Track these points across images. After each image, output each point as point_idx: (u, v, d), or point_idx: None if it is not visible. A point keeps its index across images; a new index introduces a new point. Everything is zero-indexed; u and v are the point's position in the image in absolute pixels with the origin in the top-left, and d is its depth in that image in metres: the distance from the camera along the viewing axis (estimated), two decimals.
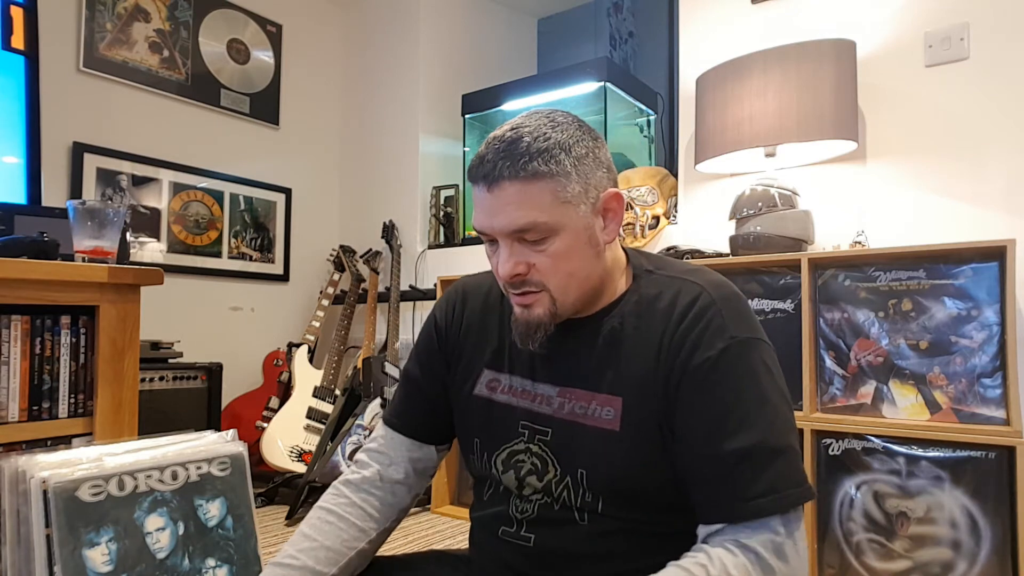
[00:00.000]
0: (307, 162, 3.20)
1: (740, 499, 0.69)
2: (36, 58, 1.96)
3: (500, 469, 0.83)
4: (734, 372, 0.72)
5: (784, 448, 0.71)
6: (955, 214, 1.79)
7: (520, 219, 0.72)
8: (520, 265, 0.75)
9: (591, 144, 0.76)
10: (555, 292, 0.76)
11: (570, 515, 0.77)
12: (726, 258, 1.87)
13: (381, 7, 3.20)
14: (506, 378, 0.85)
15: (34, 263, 1.15)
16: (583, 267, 0.76)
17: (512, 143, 0.73)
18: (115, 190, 2.48)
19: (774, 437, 0.70)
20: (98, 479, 0.79)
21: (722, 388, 0.72)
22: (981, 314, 1.53)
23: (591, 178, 0.75)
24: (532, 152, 0.72)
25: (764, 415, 0.71)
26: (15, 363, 1.16)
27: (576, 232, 0.74)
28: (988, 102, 1.75)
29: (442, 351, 0.92)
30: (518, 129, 0.74)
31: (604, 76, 2.56)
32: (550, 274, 0.75)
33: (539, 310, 0.77)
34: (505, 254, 0.75)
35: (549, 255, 0.74)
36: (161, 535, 0.83)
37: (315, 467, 2.24)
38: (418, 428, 0.92)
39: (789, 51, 1.75)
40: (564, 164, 0.72)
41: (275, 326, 3.03)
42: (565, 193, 0.73)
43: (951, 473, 1.50)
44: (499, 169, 0.72)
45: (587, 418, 0.78)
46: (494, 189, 0.73)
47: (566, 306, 0.77)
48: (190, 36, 2.72)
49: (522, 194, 0.72)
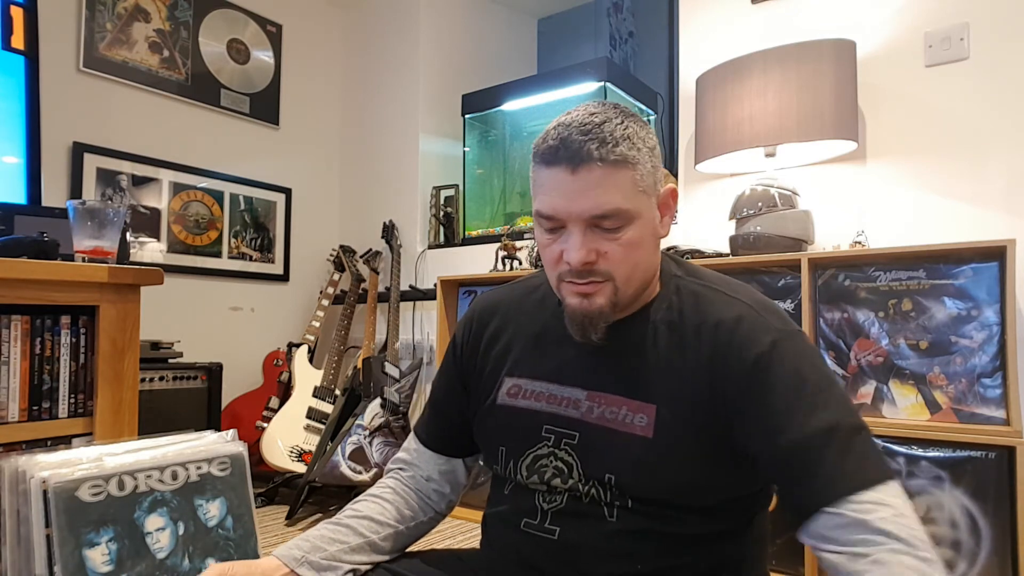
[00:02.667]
0: (307, 162, 3.20)
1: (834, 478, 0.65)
2: (36, 58, 1.96)
3: (525, 475, 0.82)
4: (790, 361, 0.71)
5: (862, 426, 0.68)
6: (955, 214, 1.78)
7: (606, 203, 0.71)
8: (592, 252, 0.73)
9: (654, 136, 0.77)
10: (620, 282, 0.75)
11: (599, 511, 0.76)
12: (726, 258, 1.87)
13: (381, 7, 3.20)
14: (527, 383, 0.84)
15: (34, 263, 1.15)
16: (647, 259, 0.76)
17: (598, 127, 0.71)
18: (115, 190, 2.48)
19: (850, 415, 0.69)
20: (98, 479, 0.79)
21: (783, 379, 0.70)
22: (981, 314, 1.53)
23: (658, 172, 0.76)
24: (618, 137, 0.71)
25: (834, 395, 0.69)
26: (15, 363, 1.16)
27: (647, 222, 0.74)
28: (988, 102, 1.75)
29: (459, 369, 0.93)
30: (593, 112, 0.74)
31: (604, 76, 2.56)
32: (619, 263, 0.74)
33: (601, 300, 0.75)
34: (578, 240, 0.73)
35: (622, 243, 0.73)
36: (161, 535, 0.83)
37: (315, 467, 2.24)
38: (443, 443, 0.94)
39: (789, 51, 1.75)
40: (643, 153, 0.73)
41: (275, 326, 3.03)
42: (644, 182, 0.73)
43: (951, 473, 1.50)
44: (587, 151, 0.70)
45: (618, 423, 0.76)
46: (580, 171, 0.71)
47: (626, 297, 0.76)
48: (190, 36, 2.72)
49: (609, 178, 0.71)
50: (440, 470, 0.93)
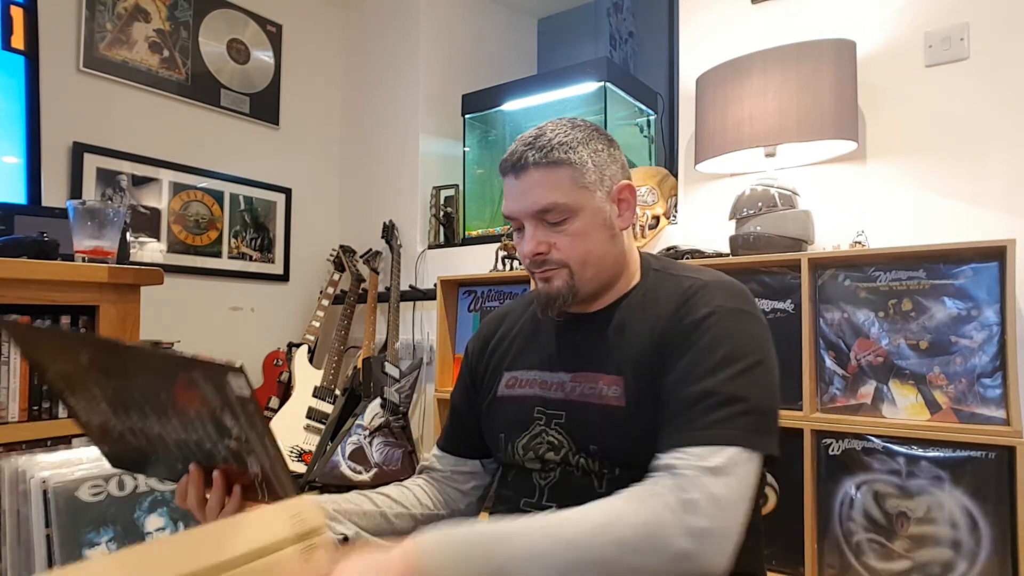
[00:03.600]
0: (307, 162, 3.20)
1: (688, 428, 0.73)
2: (36, 58, 1.96)
3: (522, 454, 0.91)
4: (712, 330, 0.78)
5: (745, 398, 0.74)
6: (955, 214, 1.78)
7: (543, 199, 0.84)
8: (542, 244, 0.86)
9: (607, 144, 0.89)
10: (574, 268, 0.86)
11: (589, 481, 0.84)
12: (726, 258, 1.87)
13: (381, 7, 3.20)
14: (523, 374, 0.95)
15: (34, 263, 1.15)
16: (599, 247, 0.86)
17: (537, 138, 0.86)
18: (115, 190, 2.48)
19: (739, 389, 0.74)
20: (98, 479, 0.79)
21: (701, 345, 0.78)
22: (981, 314, 1.53)
23: (606, 170, 0.87)
24: (554, 144, 0.84)
25: (733, 368, 0.75)
26: (15, 363, 1.16)
27: (593, 214, 0.85)
28: (988, 102, 1.75)
29: (470, 373, 1.05)
30: (542, 128, 0.88)
31: (604, 76, 2.56)
32: (569, 251, 0.85)
33: (558, 282, 0.87)
34: (529, 234, 0.86)
35: (568, 234, 0.85)
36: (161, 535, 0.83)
37: (315, 467, 2.24)
38: (459, 445, 1.04)
39: (789, 51, 1.75)
40: (581, 155, 0.85)
41: (275, 326, 3.03)
42: (583, 179, 0.84)
43: (951, 473, 1.50)
44: (525, 158, 0.85)
45: (596, 397, 0.85)
46: (521, 175, 0.85)
47: (584, 280, 0.87)
48: (190, 36, 2.72)
49: (545, 178, 0.84)
50: (460, 472, 1.03)
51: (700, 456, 0.70)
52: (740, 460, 0.70)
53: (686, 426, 0.73)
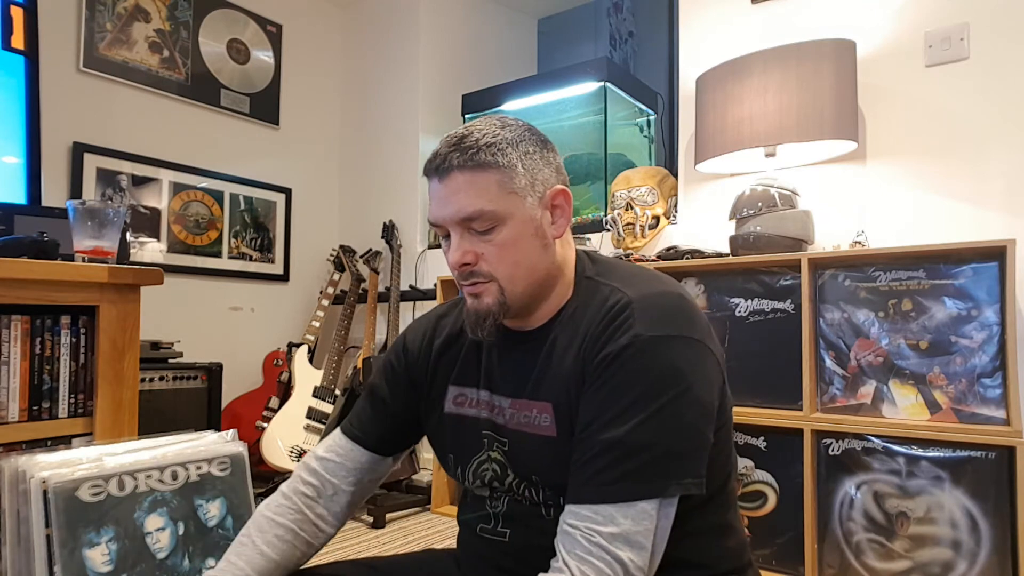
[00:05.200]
0: (307, 162, 3.20)
1: (592, 483, 0.70)
2: (36, 58, 1.96)
3: (471, 479, 0.86)
4: (627, 366, 0.72)
5: (655, 444, 0.70)
6: (955, 214, 1.78)
7: (468, 207, 0.76)
8: (468, 254, 0.78)
9: (539, 145, 0.81)
10: (503, 282, 0.79)
11: (538, 510, 0.80)
12: (726, 258, 1.87)
13: (381, 7, 3.20)
14: (472, 392, 0.88)
15: (34, 263, 1.15)
16: (529, 257, 0.79)
17: (462, 138, 0.78)
18: (115, 190, 2.48)
19: (649, 435, 0.70)
20: (98, 479, 0.79)
21: (613, 382, 0.73)
22: (981, 314, 1.53)
23: (538, 174, 0.79)
24: (480, 145, 0.76)
25: (645, 412, 0.70)
26: (15, 363, 1.16)
27: (522, 222, 0.78)
28: (988, 102, 1.75)
29: (408, 373, 0.94)
30: (469, 127, 0.79)
31: (604, 76, 2.56)
32: (497, 263, 0.78)
33: (488, 299, 0.79)
34: (455, 243, 0.79)
35: (496, 244, 0.77)
36: (161, 535, 0.83)
37: None
38: (380, 442, 0.93)
39: (789, 51, 1.75)
40: (511, 157, 0.77)
41: (275, 326, 3.03)
42: (511, 184, 0.77)
43: (951, 473, 1.50)
44: (449, 160, 0.77)
45: (531, 426, 0.80)
46: (444, 179, 0.77)
47: (515, 296, 0.79)
48: (190, 36, 2.72)
49: (470, 183, 0.76)
50: (369, 467, 0.93)
51: (604, 520, 0.68)
52: (649, 511, 0.69)
53: (592, 479, 0.70)
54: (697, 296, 1.93)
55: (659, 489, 0.69)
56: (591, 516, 0.69)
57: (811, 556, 1.64)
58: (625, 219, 2.29)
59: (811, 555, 1.64)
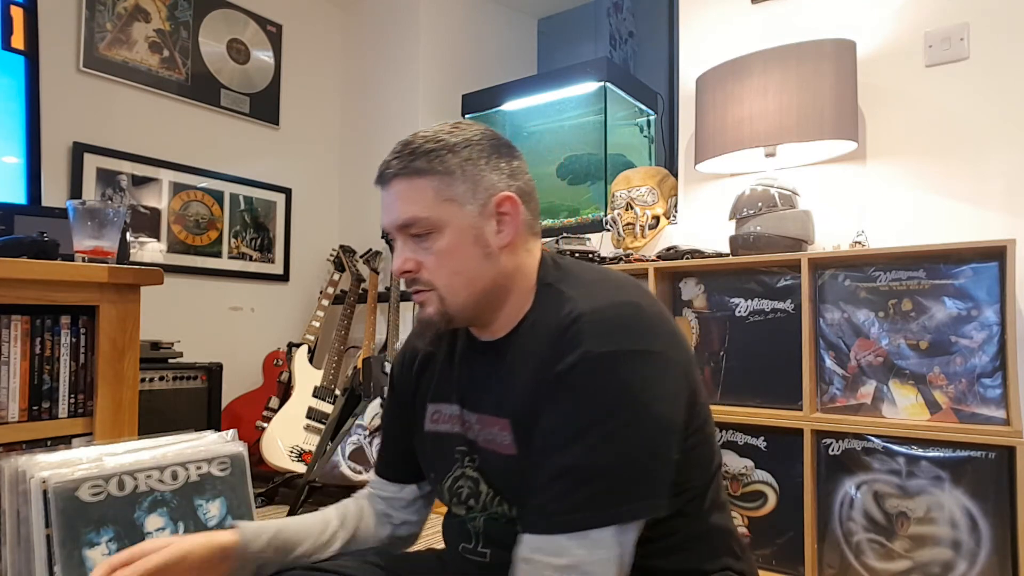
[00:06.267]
0: (307, 162, 3.20)
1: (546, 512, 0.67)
2: (36, 58, 1.96)
3: (448, 497, 0.85)
4: (576, 386, 0.69)
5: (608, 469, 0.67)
6: (955, 214, 1.78)
7: (403, 213, 0.77)
8: (409, 262, 0.78)
9: (488, 150, 0.79)
10: (443, 292, 0.78)
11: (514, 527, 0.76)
12: (726, 258, 1.87)
13: (381, 7, 3.20)
14: (447, 408, 0.86)
15: (34, 263, 1.15)
16: (469, 267, 0.77)
17: (405, 145, 0.78)
18: (115, 190, 2.48)
19: (600, 459, 0.67)
20: (98, 479, 0.79)
21: (564, 404, 0.69)
22: (981, 314, 1.53)
23: (481, 180, 0.77)
24: (419, 152, 0.76)
25: (594, 435, 0.67)
26: (15, 363, 1.16)
27: (460, 230, 0.76)
28: (988, 102, 1.75)
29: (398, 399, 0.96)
30: (416, 133, 0.79)
31: (604, 76, 2.56)
32: (436, 272, 0.77)
33: (430, 309, 0.79)
34: (397, 250, 0.80)
35: (434, 252, 0.77)
36: (161, 535, 0.83)
37: (315, 467, 2.24)
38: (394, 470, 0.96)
39: (789, 51, 1.75)
40: (448, 164, 0.76)
41: (275, 326, 3.03)
42: (449, 191, 0.76)
43: (951, 473, 1.50)
44: (390, 168, 0.78)
45: (494, 444, 0.79)
46: (388, 186, 0.78)
47: (457, 307, 0.78)
48: (190, 36, 2.72)
49: (407, 190, 0.77)
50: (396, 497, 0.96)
51: (557, 551, 0.65)
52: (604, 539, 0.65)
53: (543, 508, 0.68)
54: (697, 296, 1.93)
55: (613, 517, 0.66)
56: (542, 547, 0.66)
57: (811, 556, 1.64)
58: (625, 219, 2.29)
59: (811, 555, 1.64)
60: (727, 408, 1.81)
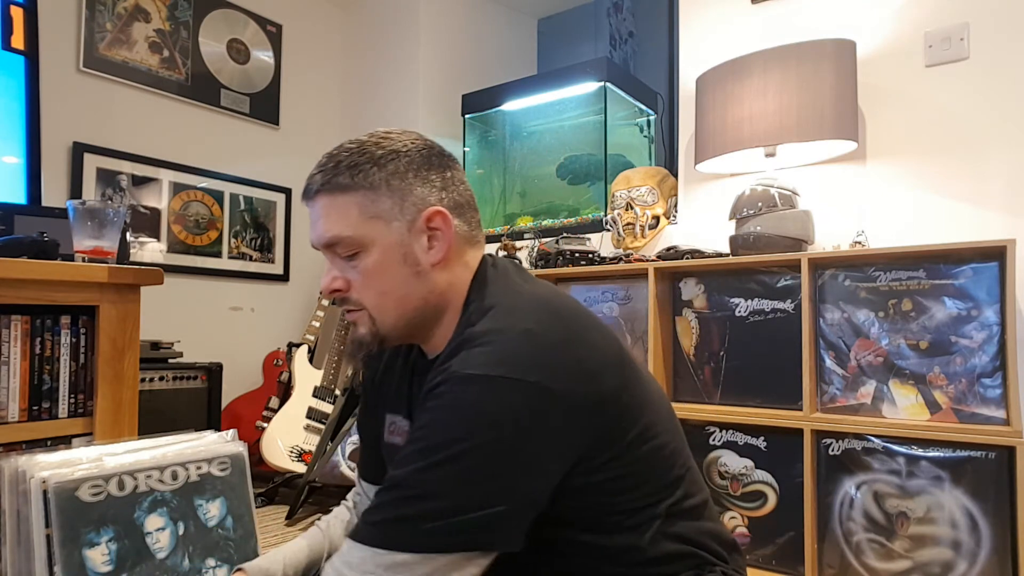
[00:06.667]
0: (307, 162, 3.19)
1: (368, 520, 0.65)
2: (36, 58, 1.96)
3: None
4: (431, 406, 0.66)
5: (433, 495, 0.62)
6: (955, 214, 1.78)
7: (327, 232, 0.74)
8: (337, 280, 0.75)
9: (417, 162, 0.76)
10: (372, 311, 0.75)
11: None
12: (726, 258, 1.87)
13: (381, 7, 3.20)
14: (399, 420, 0.86)
15: (34, 263, 1.15)
16: (397, 287, 0.74)
17: (330, 158, 0.75)
18: (115, 190, 2.48)
19: (430, 484, 0.62)
20: (98, 479, 0.79)
21: (421, 420, 0.67)
22: (981, 314, 1.53)
23: (408, 195, 0.74)
24: (343, 166, 0.73)
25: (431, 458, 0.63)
26: (15, 363, 1.16)
27: (387, 249, 0.73)
28: (988, 102, 1.75)
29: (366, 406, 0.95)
30: (342, 145, 0.76)
31: (604, 76, 2.56)
32: (363, 291, 0.75)
33: (362, 329, 0.77)
34: (327, 268, 0.77)
35: (360, 271, 0.74)
36: (161, 535, 0.83)
37: (315, 467, 2.24)
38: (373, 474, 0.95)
39: (789, 51, 1.75)
40: (373, 178, 0.73)
41: (275, 326, 3.03)
42: (374, 208, 0.73)
43: (951, 473, 1.50)
44: (313, 182, 0.75)
45: None
46: (312, 202, 0.76)
47: (387, 327, 0.76)
48: (190, 36, 2.72)
49: (329, 207, 0.74)
50: None
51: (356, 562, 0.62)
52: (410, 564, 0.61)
53: (369, 515, 0.64)
54: (697, 296, 1.94)
55: (419, 544, 0.61)
56: (346, 554, 0.64)
57: (811, 556, 1.64)
58: (625, 219, 2.29)
59: (811, 555, 1.64)
60: (727, 408, 1.81)
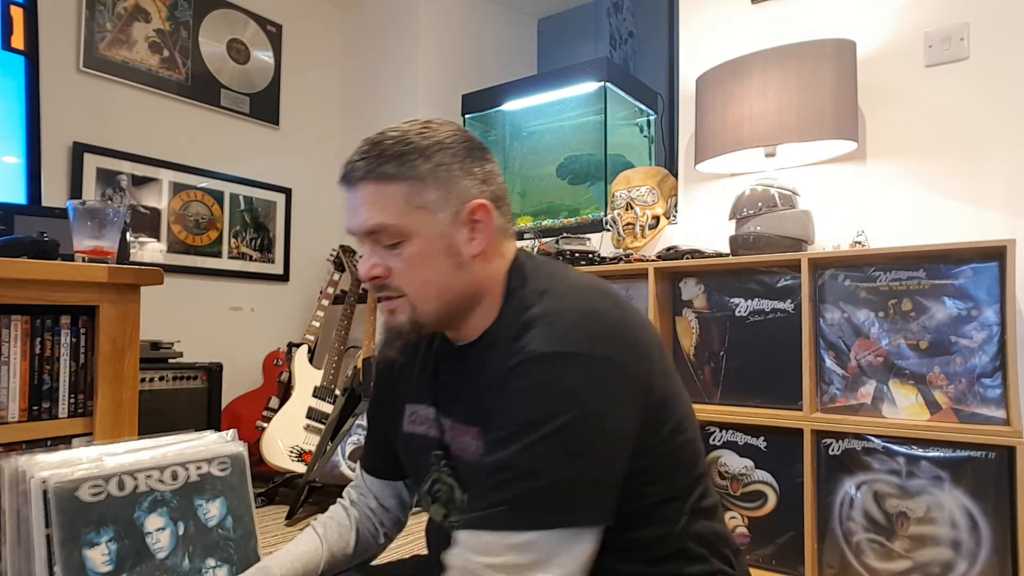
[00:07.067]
0: (307, 162, 3.20)
1: (481, 507, 0.66)
2: (36, 58, 1.96)
3: (428, 500, 0.83)
4: (517, 386, 0.67)
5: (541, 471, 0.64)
6: (955, 214, 1.78)
7: (370, 220, 0.74)
8: (377, 267, 0.76)
9: (461, 155, 0.76)
10: (413, 299, 0.76)
11: None
12: (726, 258, 1.87)
13: (381, 7, 3.20)
14: (423, 410, 0.85)
15: (34, 263, 1.15)
16: (439, 277, 0.75)
17: (374, 145, 0.74)
18: (115, 190, 2.48)
19: (534, 461, 0.64)
20: (98, 479, 0.79)
21: (506, 401, 0.68)
22: (981, 314, 1.53)
23: (453, 187, 0.75)
24: (388, 155, 0.73)
25: (530, 436, 0.64)
26: (15, 363, 1.16)
27: (431, 239, 0.74)
28: (988, 102, 1.75)
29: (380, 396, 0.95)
30: (385, 132, 0.75)
31: (604, 76, 2.56)
32: (405, 280, 0.75)
33: (402, 316, 0.77)
34: (366, 255, 0.77)
35: (403, 259, 0.74)
36: (161, 535, 0.83)
37: (315, 467, 2.24)
38: (381, 467, 0.95)
39: (789, 51, 1.75)
40: (420, 169, 0.73)
41: (275, 326, 3.03)
42: (420, 198, 0.73)
43: (951, 473, 1.50)
44: (356, 169, 0.74)
45: (466, 452, 0.77)
46: (354, 189, 0.75)
47: (428, 316, 0.76)
48: (190, 36, 2.72)
49: (375, 195, 0.74)
50: (384, 495, 0.95)
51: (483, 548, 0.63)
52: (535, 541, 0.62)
53: (481, 502, 0.65)
54: (697, 296, 1.93)
55: (541, 521, 0.63)
56: (470, 543, 0.65)
57: (811, 556, 1.64)
58: (625, 219, 2.29)
59: (811, 555, 1.64)
60: (727, 408, 1.81)
